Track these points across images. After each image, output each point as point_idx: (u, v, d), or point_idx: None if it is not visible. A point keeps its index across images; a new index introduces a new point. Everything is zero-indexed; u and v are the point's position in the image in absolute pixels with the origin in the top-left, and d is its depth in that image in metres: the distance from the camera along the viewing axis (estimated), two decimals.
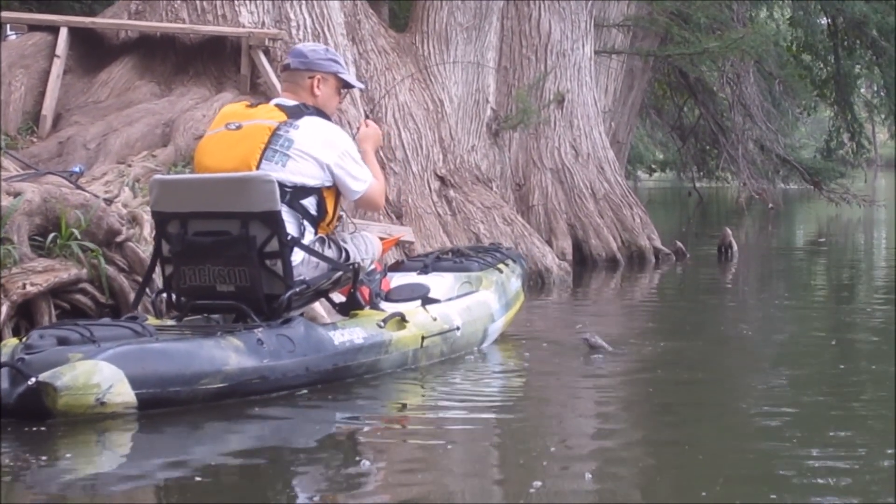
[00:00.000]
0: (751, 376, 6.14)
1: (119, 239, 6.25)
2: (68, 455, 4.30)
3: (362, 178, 5.66)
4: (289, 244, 5.32)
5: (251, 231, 5.29)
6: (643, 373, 6.20)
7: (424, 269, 6.87)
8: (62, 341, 4.65)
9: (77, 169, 7.00)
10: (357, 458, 4.28)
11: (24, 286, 5.72)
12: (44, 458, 4.17)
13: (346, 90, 6.00)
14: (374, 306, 5.97)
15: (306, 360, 5.16)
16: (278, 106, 5.64)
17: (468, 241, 10.33)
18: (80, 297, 6.01)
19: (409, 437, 4.79)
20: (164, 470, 4.13)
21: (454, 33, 11.51)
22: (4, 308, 5.59)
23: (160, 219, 5.52)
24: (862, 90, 23.86)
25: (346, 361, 5.38)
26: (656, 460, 4.35)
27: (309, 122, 5.56)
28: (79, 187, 6.54)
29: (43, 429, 4.46)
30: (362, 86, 6.82)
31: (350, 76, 5.96)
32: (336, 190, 5.63)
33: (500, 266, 7.15)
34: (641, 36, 15.79)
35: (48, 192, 6.17)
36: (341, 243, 5.67)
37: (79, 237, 6.06)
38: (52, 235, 6.04)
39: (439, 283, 6.73)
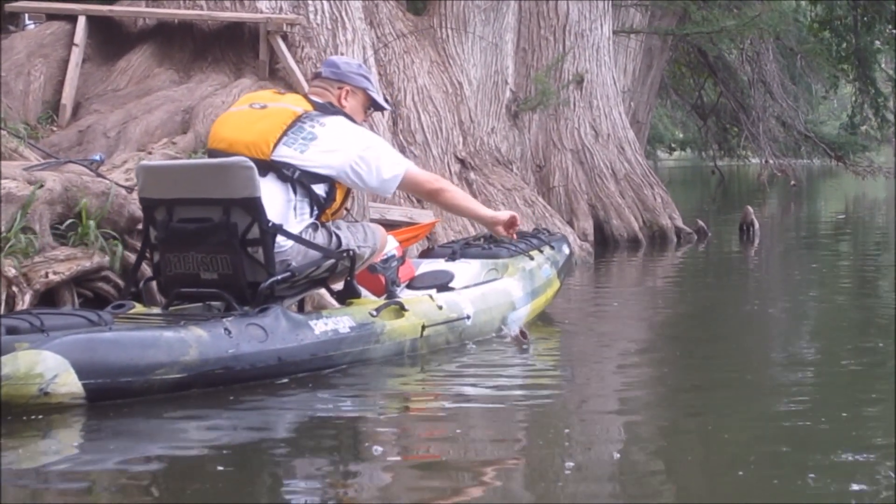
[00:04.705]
0: (774, 353, 6.13)
1: (140, 226, 6.26)
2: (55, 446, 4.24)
3: (397, 166, 5.58)
4: (270, 231, 5.24)
5: (232, 218, 5.22)
6: (663, 353, 6.19)
7: (452, 256, 6.82)
8: (11, 330, 4.51)
9: (97, 157, 7.00)
10: (366, 444, 4.20)
11: (46, 275, 5.73)
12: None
13: (372, 110, 5.95)
14: (392, 294, 5.88)
15: (279, 350, 5.02)
16: (306, 98, 5.63)
17: None
18: (102, 284, 6.03)
19: (419, 422, 4.72)
20: (122, 465, 3.98)
21: (472, 15, 11.50)
22: (27, 297, 5.60)
23: (147, 205, 5.46)
24: (882, 65, 23.71)
25: (326, 351, 5.21)
26: (684, 439, 4.30)
27: (335, 122, 5.53)
28: (99, 175, 6.55)
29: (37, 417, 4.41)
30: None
31: (379, 96, 5.91)
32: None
33: (533, 253, 7.05)
34: (660, 15, 15.74)
35: (69, 181, 6.18)
36: (333, 229, 5.56)
37: (100, 224, 6.07)
38: (72, 223, 6.05)
39: (465, 269, 6.66)
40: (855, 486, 3.60)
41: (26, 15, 9.81)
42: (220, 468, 3.85)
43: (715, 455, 4.09)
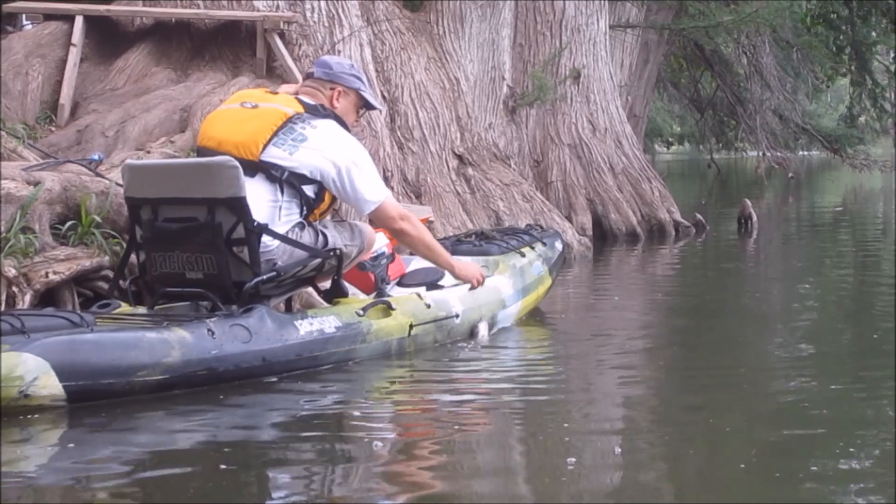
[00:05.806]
0: (774, 347, 6.14)
1: None
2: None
3: (376, 193, 5.56)
4: (255, 230, 5.22)
5: (217, 217, 5.20)
6: (662, 347, 6.19)
7: None
8: None
9: (96, 156, 7.00)
10: (363, 441, 4.19)
11: (46, 275, 5.74)
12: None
13: (364, 110, 5.93)
14: (381, 292, 5.86)
15: (263, 351, 4.98)
16: (298, 99, 5.62)
17: (487, 218, 10.33)
18: (102, 284, 6.04)
19: (415, 420, 4.71)
20: (115, 465, 3.97)
21: (468, 11, 11.50)
22: (27, 297, 5.62)
23: (132, 204, 5.44)
24: (879, 57, 23.71)
25: (312, 351, 5.19)
26: (684, 435, 4.28)
27: (326, 125, 5.50)
28: (98, 175, 6.56)
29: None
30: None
31: (371, 96, 5.89)
32: None
33: (525, 249, 7.01)
34: (656, 9, 15.75)
35: (68, 181, 6.20)
36: (319, 228, 5.53)
37: (100, 224, 6.08)
38: (72, 223, 6.06)
39: None
40: (856, 485, 3.60)
41: (24, 15, 9.82)
42: (223, 467, 3.84)
43: (715, 451, 4.09)
